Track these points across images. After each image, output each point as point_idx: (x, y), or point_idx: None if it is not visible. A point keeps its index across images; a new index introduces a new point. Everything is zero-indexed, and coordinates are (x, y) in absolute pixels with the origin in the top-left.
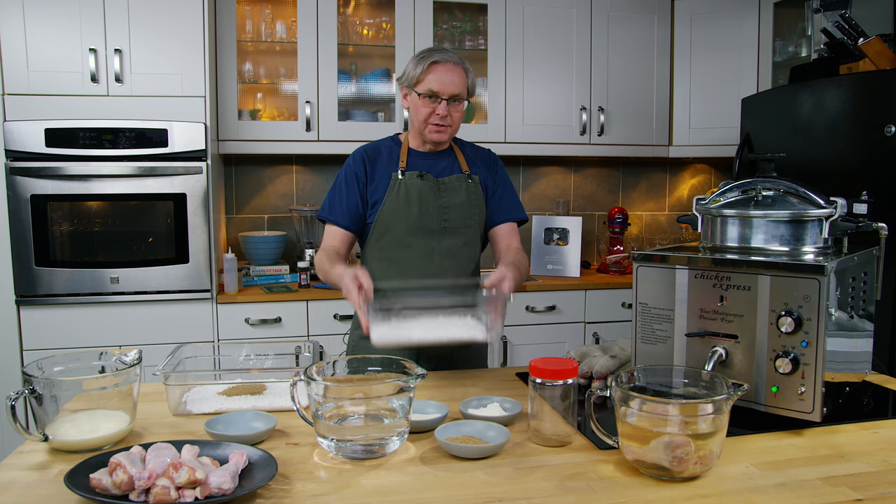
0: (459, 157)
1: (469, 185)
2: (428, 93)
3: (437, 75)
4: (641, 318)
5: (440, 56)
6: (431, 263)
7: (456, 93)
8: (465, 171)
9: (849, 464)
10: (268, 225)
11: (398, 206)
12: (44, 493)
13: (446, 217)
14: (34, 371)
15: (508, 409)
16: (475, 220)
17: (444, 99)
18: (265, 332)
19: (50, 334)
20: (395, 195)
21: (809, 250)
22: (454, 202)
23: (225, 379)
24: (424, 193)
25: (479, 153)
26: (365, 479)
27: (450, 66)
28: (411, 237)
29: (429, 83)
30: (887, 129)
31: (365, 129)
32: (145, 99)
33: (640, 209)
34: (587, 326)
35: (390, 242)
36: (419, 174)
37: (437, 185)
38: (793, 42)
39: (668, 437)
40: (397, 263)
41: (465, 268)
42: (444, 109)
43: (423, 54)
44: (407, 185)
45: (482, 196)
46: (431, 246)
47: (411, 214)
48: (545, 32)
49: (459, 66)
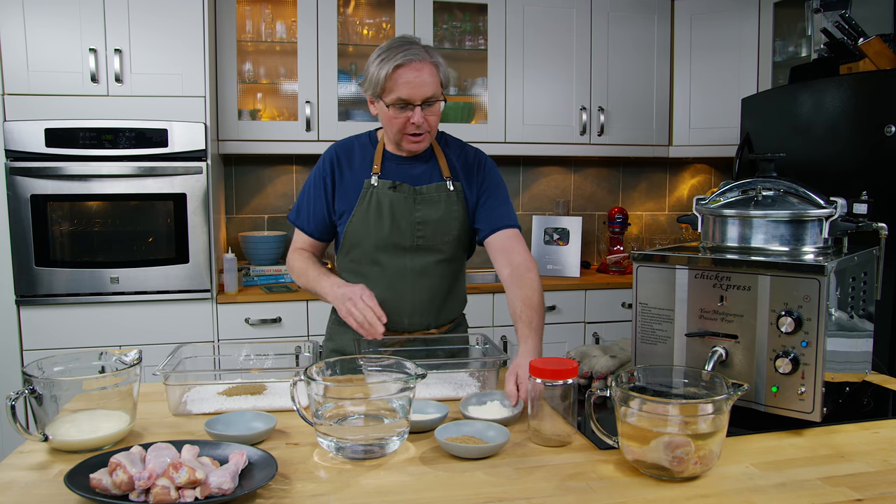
0: (441, 160)
1: (449, 194)
2: (398, 102)
3: (405, 79)
4: (641, 318)
5: (404, 56)
6: (402, 282)
7: (429, 95)
8: (447, 177)
9: (849, 464)
10: (268, 225)
11: (368, 218)
12: (44, 493)
13: (421, 234)
14: (34, 371)
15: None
16: (454, 235)
17: (416, 105)
18: (265, 332)
19: (50, 334)
20: (366, 206)
21: (809, 250)
22: (430, 217)
23: (225, 379)
24: (397, 206)
25: (465, 154)
26: (365, 479)
27: (416, 65)
28: (381, 253)
29: (397, 91)
30: (887, 129)
31: (365, 129)
32: (145, 99)
33: (640, 209)
34: (587, 326)
35: (359, 257)
36: (392, 184)
37: (412, 196)
38: (793, 42)
39: (668, 437)
40: (367, 279)
41: (440, 286)
42: (419, 117)
43: (384, 54)
44: (379, 195)
45: (464, 206)
46: (403, 263)
47: (382, 229)
48: (545, 32)
49: (427, 61)
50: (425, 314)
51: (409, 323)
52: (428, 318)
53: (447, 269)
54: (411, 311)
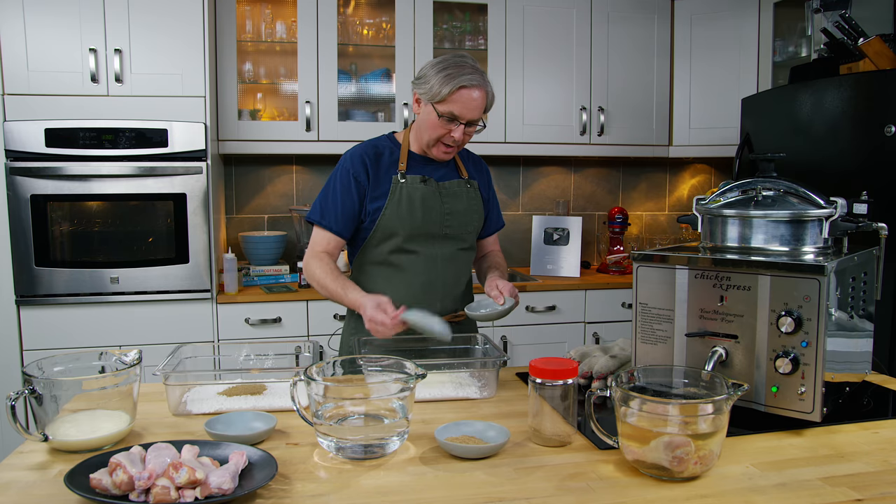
0: (458, 161)
1: (469, 190)
2: (448, 115)
3: (464, 100)
4: (641, 318)
5: (470, 79)
6: (434, 269)
7: (476, 118)
8: (465, 177)
9: (849, 464)
10: (268, 225)
11: (401, 210)
12: (44, 493)
13: (449, 223)
14: (34, 371)
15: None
16: (474, 227)
17: (462, 123)
18: (265, 332)
19: (50, 334)
20: (398, 200)
21: (809, 250)
22: (456, 208)
23: (225, 379)
24: (428, 198)
25: (472, 158)
26: (365, 479)
27: (477, 90)
28: (414, 242)
29: (453, 107)
30: (887, 129)
31: (365, 129)
32: (145, 99)
33: (640, 209)
34: (587, 326)
35: (392, 248)
36: (422, 178)
37: (439, 189)
38: (793, 42)
39: (668, 437)
40: (399, 269)
41: (464, 272)
42: (460, 134)
43: (451, 71)
44: (409, 189)
45: (481, 202)
46: (434, 252)
47: (415, 219)
48: (545, 32)
49: (484, 88)
50: (455, 298)
51: (441, 307)
52: (456, 302)
53: (468, 256)
54: (443, 295)
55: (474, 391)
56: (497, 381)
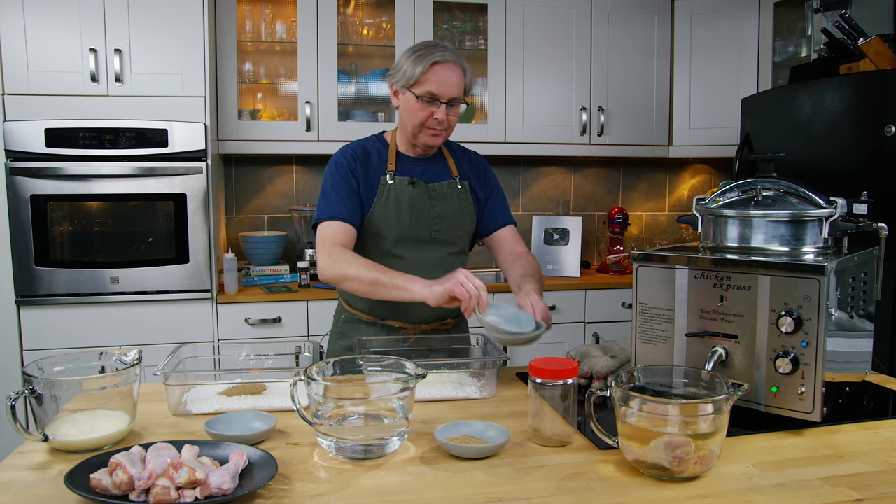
0: (449, 161)
1: (460, 191)
2: (427, 96)
3: (439, 77)
4: (641, 318)
5: (441, 55)
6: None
7: (456, 96)
8: (456, 177)
9: (849, 464)
10: (268, 225)
11: (388, 213)
12: (44, 493)
13: (437, 227)
14: (34, 371)
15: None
16: (465, 230)
17: (443, 102)
18: (265, 332)
19: (50, 334)
20: (385, 201)
21: (809, 250)
22: (446, 211)
23: (225, 379)
24: (416, 201)
25: (468, 157)
26: (365, 479)
27: (451, 66)
28: (401, 246)
29: (429, 85)
30: (887, 129)
31: (365, 129)
32: (145, 99)
33: (640, 209)
34: (587, 326)
35: (378, 252)
36: (410, 180)
37: (427, 192)
38: (793, 42)
39: (668, 437)
40: None
41: None
42: (443, 114)
43: (421, 51)
44: (397, 191)
45: (472, 204)
46: (422, 256)
47: (402, 223)
48: (545, 32)
49: (459, 65)
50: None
51: (427, 315)
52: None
53: (458, 261)
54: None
55: (474, 391)
56: (497, 381)
